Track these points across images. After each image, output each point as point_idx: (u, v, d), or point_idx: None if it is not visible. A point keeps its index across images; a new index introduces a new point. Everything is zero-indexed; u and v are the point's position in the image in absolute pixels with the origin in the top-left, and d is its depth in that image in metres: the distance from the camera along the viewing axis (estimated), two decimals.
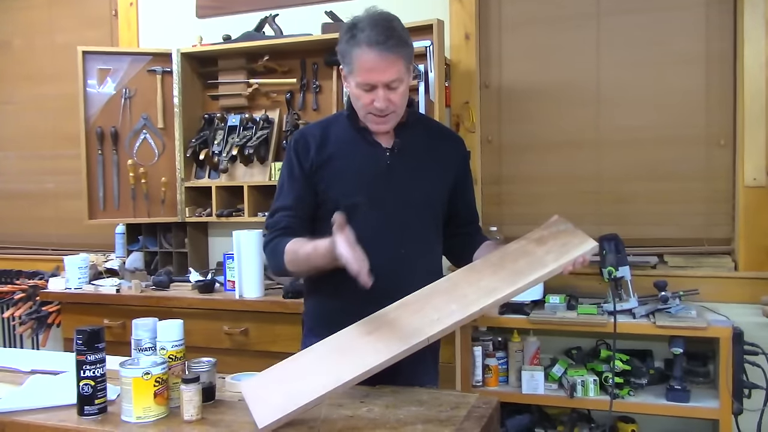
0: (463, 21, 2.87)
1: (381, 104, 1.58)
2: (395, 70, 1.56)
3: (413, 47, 1.65)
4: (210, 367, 1.46)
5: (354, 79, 1.60)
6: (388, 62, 1.55)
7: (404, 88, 1.61)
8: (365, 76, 1.56)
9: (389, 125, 1.65)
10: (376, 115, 1.61)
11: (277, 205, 1.71)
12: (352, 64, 1.59)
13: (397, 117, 1.65)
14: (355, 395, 1.45)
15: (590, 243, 1.43)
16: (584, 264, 1.43)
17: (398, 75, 1.57)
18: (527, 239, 1.53)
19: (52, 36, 3.69)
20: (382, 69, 1.55)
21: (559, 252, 1.43)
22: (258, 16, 3.10)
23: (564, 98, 2.82)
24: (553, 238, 1.49)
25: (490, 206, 2.91)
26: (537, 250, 1.47)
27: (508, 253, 1.52)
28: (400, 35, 1.58)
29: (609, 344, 2.51)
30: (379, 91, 1.57)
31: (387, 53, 1.54)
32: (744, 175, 2.54)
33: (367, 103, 1.60)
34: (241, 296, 2.67)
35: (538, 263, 1.42)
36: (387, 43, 1.54)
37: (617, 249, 2.40)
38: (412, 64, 1.67)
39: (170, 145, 3.12)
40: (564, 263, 1.40)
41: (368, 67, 1.55)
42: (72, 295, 2.92)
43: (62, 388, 1.48)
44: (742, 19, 2.52)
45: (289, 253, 1.61)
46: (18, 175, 3.83)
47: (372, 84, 1.57)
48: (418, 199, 1.69)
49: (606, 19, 2.76)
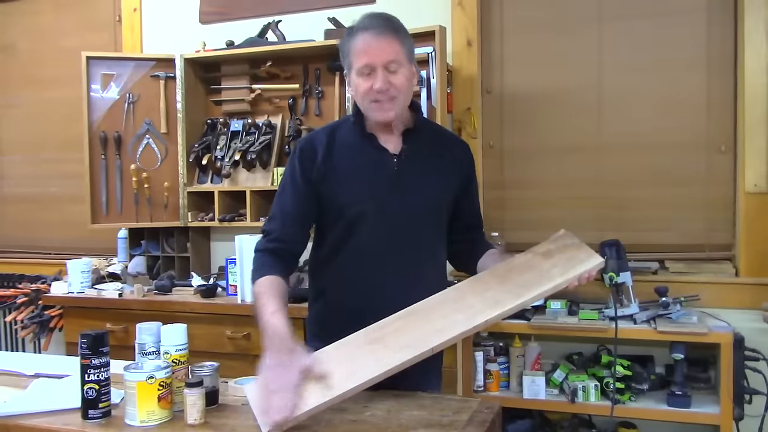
0: (465, 27, 2.89)
1: (380, 84, 1.56)
2: (392, 50, 1.57)
3: (413, 43, 1.65)
4: (213, 372, 1.46)
5: (354, 70, 1.60)
6: (385, 43, 1.56)
7: (404, 74, 1.59)
8: (362, 58, 1.57)
9: (392, 112, 1.61)
10: (378, 102, 1.59)
11: (274, 212, 1.70)
12: (350, 54, 1.60)
13: (400, 106, 1.62)
14: (358, 399, 1.45)
15: (596, 259, 1.44)
16: (589, 280, 1.44)
17: (396, 56, 1.57)
18: (534, 252, 1.54)
19: (57, 41, 3.71)
20: (379, 49, 1.56)
21: (565, 266, 1.44)
22: (261, 22, 3.11)
23: (565, 104, 2.83)
24: (560, 252, 1.50)
25: (492, 211, 2.92)
26: (543, 263, 1.48)
27: (515, 265, 1.53)
28: (397, 25, 1.61)
29: (610, 350, 2.52)
30: (378, 72, 1.56)
31: (382, 35, 1.57)
32: (745, 181, 2.54)
33: (368, 89, 1.58)
34: (243, 301, 2.68)
35: (544, 277, 1.43)
36: (382, 26, 1.57)
37: (618, 254, 2.40)
38: (414, 60, 1.66)
39: (173, 150, 3.13)
40: (570, 278, 1.41)
41: (364, 48, 1.57)
42: (74, 299, 2.93)
43: (66, 392, 1.49)
44: (743, 24, 2.54)
45: (256, 293, 1.54)
46: (21, 179, 3.85)
47: (370, 65, 1.56)
48: (425, 205, 1.68)
49: (607, 25, 2.77)
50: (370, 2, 3.02)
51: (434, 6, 2.91)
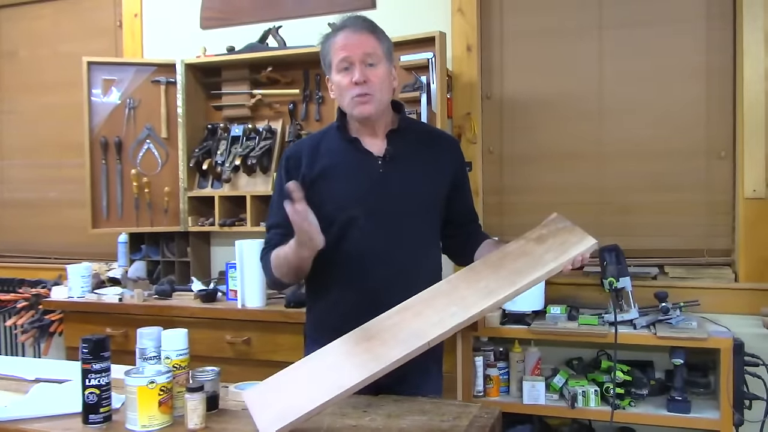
0: (465, 33, 2.90)
1: (358, 75, 1.59)
2: (369, 44, 1.61)
3: (391, 44, 1.69)
4: (214, 376, 1.47)
5: (334, 66, 1.63)
6: (361, 38, 1.61)
7: (383, 71, 1.63)
8: (340, 53, 1.61)
9: (371, 106, 1.62)
10: (356, 96, 1.61)
11: (269, 223, 1.76)
12: (330, 53, 1.63)
13: (380, 103, 1.63)
14: (359, 405, 1.46)
15: (589, 240, 1.42)
16: (584, 262, 1.43)
17: (373, 50, 1.61)
18: (526, 238, 1.53)
19: (58, 46, 3.71)
20: (356, 44, 1.60)
21: (558, 251, 1.42)
22: (262, 28, 3.12)
23: (565, 110, 2.84)
24: (552, 237, 1.48)
25: (491, 217, 2.93)
26: (536, 249, 1.47)
27: (508, 252, 1.51)
28: (374, 25, 1.65)
29: (610, 355, 2.52)
30: (356, 66, 1.60)
31: (359, 31, 1.61)
32: (744, 187, 2.55)
33: (347, 85, 1.61)
34: (243, 306, 2.68)
35: (538, 263, 1.42)
36: (359, 24, 1.62)
37: (618, 260, 2.41)
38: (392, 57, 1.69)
39: (173, 155, 3.14)
40: (563, 262, 1.39)
41: (341, 44, 1.61)
42: (74, 303, 2.93)
43: (67, 397, 1.49)
44: (742, 32, 2.55)
45: (273, 261, 1.66)
46: (22, 184, 3.85)
47: (348, 60, 1.60)
48: (415, 205, 1.68)
49: (607, 32, 2.78)
50: (371, 8, 3.03)
51: (434, 12, 2.92)
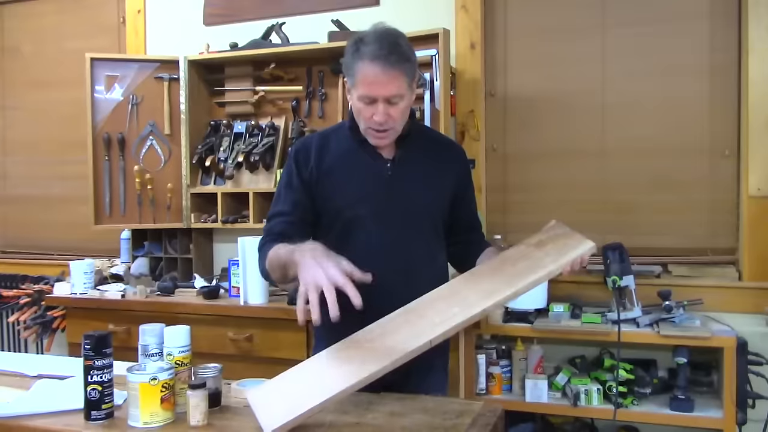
0: (469, 30, 2.89)
1: (380, 117, 1.58)
2: (396, 85, 1.57)
3: (417, 64, 1.64)
4: (216, 373, 1.46)
5: (356, 92, 1.61)
6: (390, 77, 1.55)
7: (405, 105, 1.62)
8: (366, 89, 1.57)
9: (387, 140, 1.65)
10: (375, 130, 1.62)
11: (273, 211, 1.72)
12: (355, 77, 1.60)
13: (396, 133, 1.66)
14: (361, 402, 1.45)
15: (587, 244, 1.44)
16: (583, 264, 1.45)
17: (399, 90, 1.57)
18: (526, 244, 1.55)
19: (61, 43, 3.72)
20: (384, 83, 1.56)
21: (557, 254, 1.45)
22: (265, 24, 3.12)
23: (569, 107, 2.83)
24: (552, 242, 1.51)
25: (494, 215, 2.92)
26: (536, 253, 1.49)
27: (507, 257, 1.55)
28: (404, 51, 1.58)
29: (613, 353, 2.52)
30: (379, 105, 1.57)
31: (389, 68, 1.55)
32: (748, 185, 2.54)
33: (367, 117, 1.61)
34: (245, 302, 2.68)
35: (537, 265, 1.44)
36: (389, 57, 1.54)
37: (621, 258, 2.40)
38: (416, 81, 1.67)
39: (176, 152, 3.14)
40: (562, 264, 1.41)
41: (369, 80, 1.56)
42: (77, 300, 2.93)
43: (69, 393, 1.49)
44: (747, 30, 2.54)
45: (270, 256, 1.59)
46: (25, 180, 3.86)
47: (372, 97, 1.57)
48: (420, 210, 1.69)
49: (611, 30, 2.77)
50: (374, 5, 3.02)
51: (438, 9, 2.91)
